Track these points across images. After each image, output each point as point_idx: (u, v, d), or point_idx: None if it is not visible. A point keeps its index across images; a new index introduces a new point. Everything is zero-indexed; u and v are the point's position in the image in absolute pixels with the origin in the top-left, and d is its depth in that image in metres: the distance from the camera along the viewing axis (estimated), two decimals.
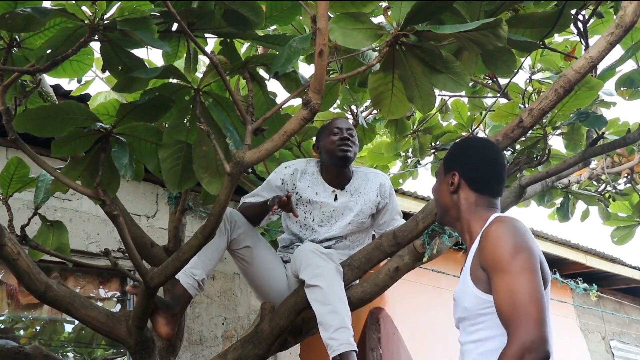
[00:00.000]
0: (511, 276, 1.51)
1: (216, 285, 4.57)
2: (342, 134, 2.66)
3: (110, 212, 2.02)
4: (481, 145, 1.83)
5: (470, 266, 1.65)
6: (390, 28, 2.03)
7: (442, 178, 1.83)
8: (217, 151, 1.93)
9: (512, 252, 1.54)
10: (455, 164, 1.81)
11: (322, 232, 2.69)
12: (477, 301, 1.61)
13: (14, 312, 3.81)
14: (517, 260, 1.53)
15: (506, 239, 1.57)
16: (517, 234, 1.58)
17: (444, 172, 1.83)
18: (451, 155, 1.84)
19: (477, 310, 1.61)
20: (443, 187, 1.82)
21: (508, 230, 1.59)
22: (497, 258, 1.55)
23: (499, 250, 1.55)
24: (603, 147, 3.21)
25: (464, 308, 1.65)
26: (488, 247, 1.58)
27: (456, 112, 4.12)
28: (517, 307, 1.48)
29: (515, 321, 1.47)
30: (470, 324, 1.65)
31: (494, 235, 1.59)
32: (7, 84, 1.99)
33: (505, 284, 1.52)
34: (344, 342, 2.25)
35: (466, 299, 1.64)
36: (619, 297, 8.31)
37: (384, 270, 2.60)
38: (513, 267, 1.52)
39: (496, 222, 1.64)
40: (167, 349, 3.01)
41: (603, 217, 4.65)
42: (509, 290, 1.51)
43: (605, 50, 1.94)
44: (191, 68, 2.31)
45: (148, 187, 4.40)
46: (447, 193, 1.81)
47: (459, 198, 1.78)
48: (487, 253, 1.58)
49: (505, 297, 1.51)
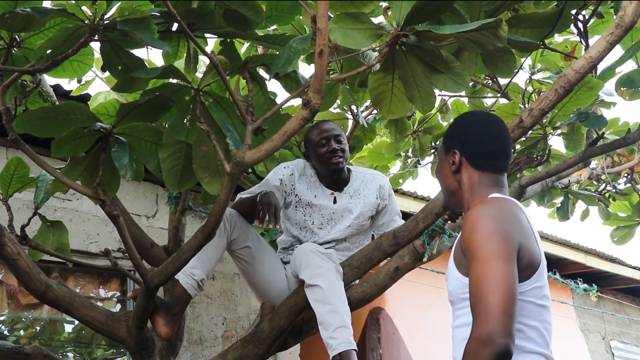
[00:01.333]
0: (480, 263, 1.42)
1: (216, 285, 4.57)
2: (330, 145, 2.60)
3: (110, 212, 2.02)
4: (481, 119, 1.71)
5: (454, 251, 1.60)
6: (390, 28, 2.03)
7: (444, 158, 1.72)
8: (217, 151, 1.93)
9: (485, 237, 1.44)
10: (456, 141, 1.69)
11: (322, 235, 2.68)
12: (458, 285, 1.55)
13: (14, 312, 3.81)
14: (488, 246, 1.43)
15: (482, 223, 1.47)
16: (497, 218, 1.48)
17: (445, 151, 1.72)
18: (451, 133, 1.72)
19: (459, 295, 1.55)
20: (445, 168, 1.71)
21: (488, 213, 1.49)
22: (472, 243, 1.46)
23: (474, 235, 1.46)
24: (603, 147, 3.21)
25: (449, 292, 1.60)
26: (466, 231, 1.50)
27: (456, 112, 4.11)
28: (480, 297, 1.39)
29: (476, 312, 1.38)
30: (456, 309, 1.60)
31: (472, 220, 1.49)
32: (7, 84, 1.99)
33: (474, 271, 1.43)
34: (344, 341, 2.25)
35: (450, 282, 1.59)
36: (619, 297, 8.31)
37: (384, 270, 2.60)
38: (483, 254, 1.42)
39: (476, 207, 1.54)
40: (167, 349, 3.01)
41: (603, 217, 4.65)
42: (475, 278, 1.42)
43: (605, 50, 1.94)
44: (191, 68, 2.31)
45: (148, 187, 4.40)
46: (449, 174, 1.69)
47: (462, 177, 1.67)
48: (465, 237, 1.50)
49: (472, 286, 1.43)
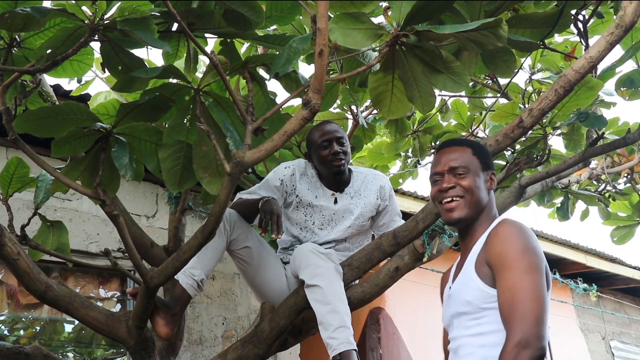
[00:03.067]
0: (516, 274, 1.55)
1: (216, 285, 4.57)
2: (332, 148, 2.60)
3: (110, 212, 2.02)
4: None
5: (475, 263, 1.67)
6: (390, 28, 2.03)
7: (481, 174, 1.77)
8: (217, 151, 1.93)
9: (521, 251, 1.58)
10: (491, 165, 1.81)
11: (323, 235, 2.68)
12: (481, 295, 1.63)
13: (14, 312, 3.81)
14: (525, 259, 1.57)
15: (516, 238, 1.60)
16: (527, 236, 1.62)
17: (482, 169, 1.78)
18: (486, 155, 1.82)
19: (481, 304, 1.63)
20: (484, 184, 1.77)
21: (518, 231, 1.62)
22: (505, 256, 1.58)
23: (507, 249, 1.59)
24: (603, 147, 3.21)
25: (465, 302, 1.66)
26: (497, 244, 1.62)
27: (456, 112, 4.12)
28: (517, 305, 1.52)
29: (514, 318, 1.51)
30: (470, 318, 1.66)
31: (504, 234, 1.62)
32: (7, 84, 1.99)
33: (509, 281, 1.56)
34: (343, 341, 2.25)
35: (469, 292, 1.66)
36: (619, 297, 8.32)
37: (384, 270, 2.60)
38: (519, 266, 1.56)
39: (506, 223, 1.66)
40: (167, 349, 3.01)
41: (603, 217, 4.65)
42: (511, 287, 1.55)
43: (605, 50, 1.94)
44: (191, 68, 2.31)
45: (148, 187, 4.40)
46: (485, 191, 1.77)
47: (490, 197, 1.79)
48: (495, 250, 1.61)
49: (508, 294, 1.55)
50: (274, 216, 2.37)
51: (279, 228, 2.36)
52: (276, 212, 2.39)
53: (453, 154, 1.79)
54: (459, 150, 1.79)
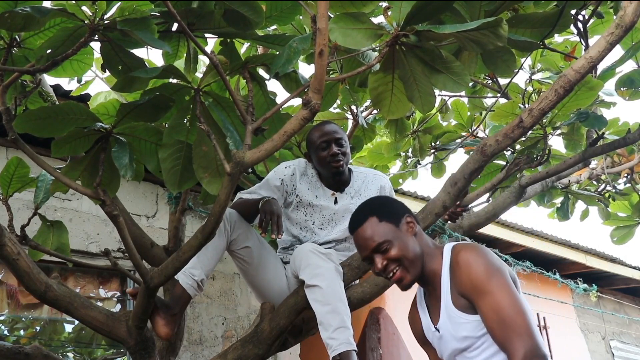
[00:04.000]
0: (492, 295, 1.61)
1: (216, 285, 4.57)
2: (330, 149, 2.59)
3: (110, 212, 2.02)
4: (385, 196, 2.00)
5: (452, 299, 1.71)
6: (390, 28, 2.03)
7: (399, 233, 1.77)
8: (217, 151, 1.93)
9: (486, 273, 1.63)
10: (400, 210, 1.83)
11: (323, 235, 2.68)
12: (472, 326, 1.68)
13: (14, 312, 3.81)
14: (493, 279, 1.62)
15: (477, 263, 1.65)
16: (485, 256, 1.67)
17: (396, 226, 1.78)
18: (387, 209, 1.82)
19: (477, 334, 1.68)
20: (408, 239, 1.77)
21: (476, 255, 1.67)
22: (475, 282, 1.64)
23: (473, 275, 1.64)
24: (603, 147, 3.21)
25: (462, 338, 1.71)
26: (462, 275, 1.66)
27: (456, 112, 4.12)
28: (507, 323, 1.57)
29: (509, 337, 1.56)
30: (472, 350, 1.71)
31: (465, 262, 1.67)
32: (7, 84, 1.98)
33: (488, 304, 1.61)
34: (343, 342, 2.25)
35: (462, 329, 1.70)
36: (619, 297, 8.32)
37: None
38: (491, 287, 1.62)
39: (461, 250, 1.70)
40: (167, 349, 3.01)
41: (603, 217, 4.65)
42: (493, 309, 1.60)
43: (605, 50, 1.94)
44: (191, 68, 2.31)
45: (148, 187, 4.40)
46: (412, 240, 1.78)
47: (420, 238, 1.81)
48: (463, 281, 1.66)
49: (493, 317, 1.60)
50: (274, 216, 2.37)
51: (279, 228, 2.36)
52: (276, 212, 2.39)
53: (366, 233, 1.79)
54: (368, 228, 1.79)
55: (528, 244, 6.54)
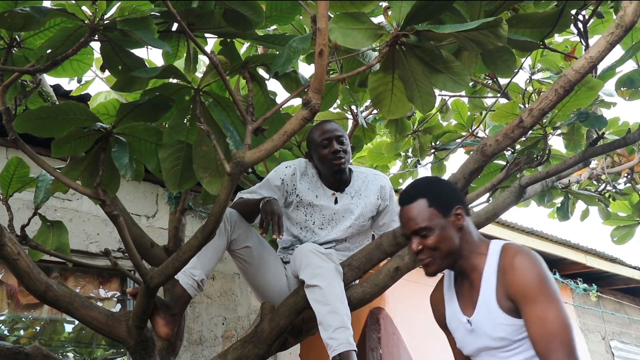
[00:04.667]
0: (542, 305, 1.63)
1: (216, 285, 4.57)
2: (332, 146, 2.58)
3: (110, 212, 2.02)
4: (444, 179, 1.94)
5: (497, 299, 1.71)
6: (390, 28, 2.03)
7: (444, 222, 1.77)
8: (217, 151, 1.93)
9: (539, 283, 1.65)
10: (453, 199, 1.80)
11: (323, 235, 2.68)
12: (512, 329, 1.69)
13: (14, 312, 3.81)
14: (546, 289, 1.65)
15: (534, 270, 1.67)
16: (541, 265, 1.69)
17: (443, 215, 1.77)
18: (442, 195, 1.80)
19: (514, 337, 1.70)
20: (450, 231, 1.77)
21: (533, 262, 1.69)
22: (527, 289, 1.65)
23: (527, 281, 1.66)
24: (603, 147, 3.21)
25: (498, 338, 1.72)
26: (516, 278, 1.67)
27: (456, 112, 4.12)
28: (551, 336, 1.60)
29: (552, 350, 1.60)
30: (504, 351, 1.73)
31: (521, 267, 1.68)
32: (7, 84, 1.99)
33: (536, 313, 1.63)
34: (343, 342, 2.25)
35: (500, 329, 1.71)
36: (619, 297, 8.32)
37: (384, 270, 2.60)
38: (542, 297, 1.64)
39: (517, 254, 1.71)
40: (167, 349, 3.01)
41: (603, 217, 4.65)
42: (540, 319, 1.63)
43: (605, 50, 1.94)
44: (191, 68, 2.31)
45: (148, 187, 4.40)
46: (455, 234, 1.77)
47: (466, 231, 1.80)
48: (516, 284, 1.67)
49: (538, 326, 1.63)
50: (275, 216, 2.37)
51: (280, 228, 2.36)
52: (277, 212, 2.39)
53: (412, 213, 1.79)
54: (415, 208, 1.78)
55: (528, 244, 6.54)
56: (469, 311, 1.80)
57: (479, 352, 1.79)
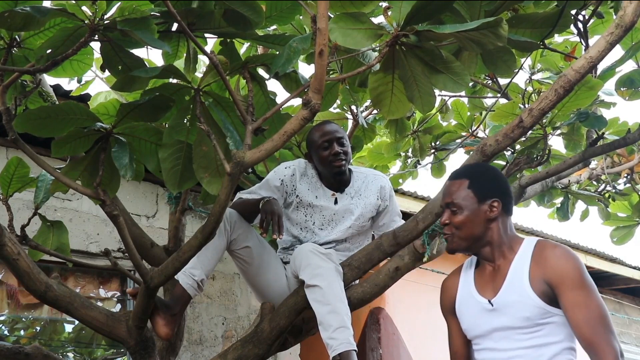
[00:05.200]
0: (585, 292, 1.73)
1: (216, 285, 4.57)
2: (332, 148, 2.58)
3: (110, 212, 2.02)
4: (500, 172, 1.98)
5: (530, 281, 1.78)
6: (390, 28, 2.03)
7: (476, 207, 1.85)
8: (217, 151, 1.93)
9: (581, 271, 1.75)
10: (494, 191, 1.87)
11: (323, 236, 2.68)
12: (539, 312, 1.76)
13: (14, 312, 3.81)
14: (587, 279, 1.76)
15: (571, 259, 1.77)
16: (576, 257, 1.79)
17: (477, 200, 1.86)
18: (486, 184, 1.88)
19: (538, 320, 1.77)
20: (478, 217, 1.85)
21: (568, 253, 1.79)
22: (570, 276, 1.74)
23: (570, 269, 1.75)
24: (603, 147, 3.21)
25: (523, 318, 1.78)
26: (558, 265, 1.76)
27: (456, 112, 4.12)
28: (598, 320, 1.71)
29: (599, 332, 1.69)
30: (524, 332, 1.79)
31: (559, 256, 1.77)
32: (7, 84, 1.99)
33: (581, 298, 1.72)
34: (343, 342, 2.25)
35: (527, 309, 1.78)
36: (619, 297, 8.31)
37: (384, 270, 2.60)
38: (586, 285, 1.74)
39: (552, 245, 1.81)
40: (167, 349, 3.01)
41: (603, 217, 4.65)
42: (585, 304, 1.72)
43: (605, 50, 1.94)
44: (191, 68, 2.31)
45: (148, 187, 4.40)
46: (483, 222, 1.86)
47: (495, 224, 1.87)
48: (558, 270, 1.75)
49: (583, 311, 1.71)
50: (275, 216, 2.37)
51: (280, 229, 2.36)
52: (277, 212, 2.39)
53: (452, 187, 1.91)
54: (456, 184, 1.90)
55: None
56: (489, 294, 1.86)
57: (492, 332, 1.84)
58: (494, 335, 1.84)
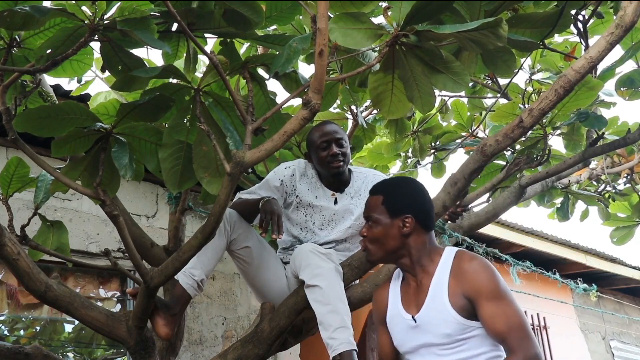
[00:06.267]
0: (504, 302, 1.76)
1: (216, 285, 4.57)
2: (331, 149, 2.59)
3: (110, 212, 2.02)
4: (421, 187, 2.00)
5: (449, 297, 1.81)
6: (390, 28, 2.03)
7: (389, 222, 1.91)
8: (217, 151, 1.93)
9: (497, 282, 1.79)
10: (408, 207, 1.91)
11: (323, 236, 2.68)
12: (459, 327, 1.79)
13: (14, 312, 3.81)
14: (503, 289, 1.79)
15: (487, 271, 1.80)
16: (492, 268, 1.82)
17: (390, 216, 1.91)
18: (398, 200, 1.93)
19: (459, 336, 1.79)
20: (392, 231, 1.90)
21: (484, 265, 1.82)
22: (487, 288, 1.77)
23: (486, 281, 1.78)
24: (603, 147, 3.21)
25: (443, 334, 1.80)
26: (475, 279, 1.79)
27: (456, 112, 4.12)
28: (517, 328, 1.73)
29: (517, 338, 1.71)
30: (445, 348, 1.81)
31: (475, 269, 1.81)
32: (7, 84, 1.98)
33: (500, 309, 1.75)
34: (344, 342, 2.25)
35: (447, 326, 1.80)
36: (619, 297, 8.32)
37: (384, 270, 2.60)
38: (503, 295, 1.77)
39: (472, 258, 1.84)
40: (167, 349, 3.01)
41: (603, 217, 4.65)
42: (505, 314, 1.75)
43: (605, 50, 1.94)
44: (191, 68, 2.31)
45: (148, 187, 4.40)
46: (397, 236, 1.91)
47: (410, 239, 1.90)
48: (475, 284, 1.79)
49: (503, 320, 1.74)
50: (275, 216, 2.37)
51: (279, 228, 2.36)
52: (277, 212, 2.39)
53: (370, 202, 1.99)
54: (373, 199, 1.97)
55: (528, 244, 6.54)
56: (413, 310, 1.90)
57: (418, 348, 1.86)
58: (421, 351, 1.86)
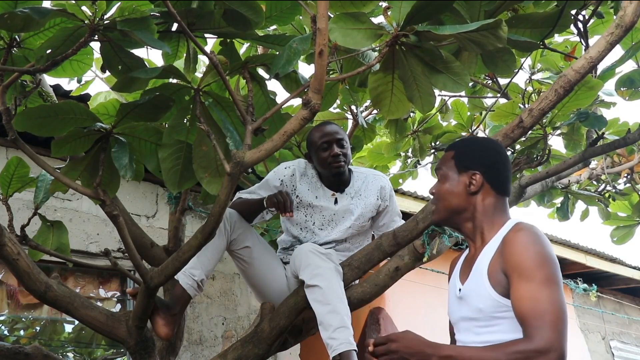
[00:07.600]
0: (535, 285, 1.53)
1: (216, 285, 4.57)
2: (332, 150, 2.59)
3: (110, 212, 2.02)
4: (497, 145, 1.81)
5: (488, 269, 1.64)
6: (390, 28, 2.03)
7: (456, 178, 1.76)
8: (217, 151, 1.93)
9: (539, 261, 1.56)
10: (476, 163, 1.75)
11: (323, 236, 2.68)
12: (493, 304, 1.61)
13: (14, 312, 3.81)
14: (544, 270, 1.55)
15: (533, 247, 1.58)
16: (544, 244, 1.59)
17: (458, 171, 1.76)
18: (468, 155, 1.78)
19: (492, 313, 1.61)
20: (458, 188, 1.75)
21: (535, 240, 1.59)
22: (524, 265, 1.56)
23: (525, 258, 1.56)
24: (603, 147, 3.21)
25: (477, 309, 1.64)
26: (514, 253, 1.59)
27: (456, 112, 4.12)
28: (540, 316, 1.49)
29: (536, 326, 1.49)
30: (480, 325, 1.64)
31: (521, 242, 1.59)
32: (7, 84, 1.98)
33: (528, 291, 1.53)
34: (344, 342, 2.25)
35: (481, 300, 1.63)
36: (619, 297, 8.32)
37: (384, 270, 2.60)
38: (539, 277, 1.54)
39: (521, 230, 1.63)
40: (167, 349, 3.01)
41: (603, 217, 4.65)
42: (531, 297, 1.52)
43: (605, 50, 1.94)
44: (191, 68, 2.31)
45: (148, 187, 4.40)
46: (463, 194, 1.75)
47: (477, 199, 1.74)
48: (512, 259, 1.58)
49: (527, 304, 1.52)
50: (284, 195, 2.42)
51: (291, 205, 2.41)
52: (284, 193, 2.45)
53: (442, 158, 1.84)
54: (446, 155, 1.82)
55: None
56: (463, 279, 1.76)
57: (459, 321, 1.74)
58: (461, 325, 1.72)
